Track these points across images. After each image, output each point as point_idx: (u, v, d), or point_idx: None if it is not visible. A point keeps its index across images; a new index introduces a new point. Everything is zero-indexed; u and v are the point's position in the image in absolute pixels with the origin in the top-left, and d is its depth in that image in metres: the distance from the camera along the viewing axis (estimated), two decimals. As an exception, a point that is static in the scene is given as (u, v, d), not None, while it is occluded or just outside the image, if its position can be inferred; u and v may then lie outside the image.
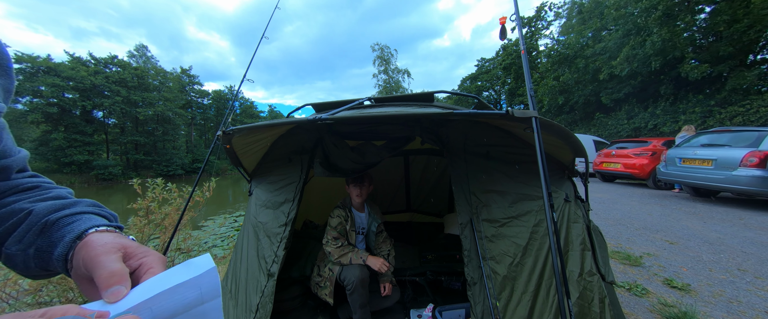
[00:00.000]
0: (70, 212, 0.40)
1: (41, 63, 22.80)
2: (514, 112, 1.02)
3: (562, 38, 20.13)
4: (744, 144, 4.69)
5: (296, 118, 1.49)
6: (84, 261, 0.33)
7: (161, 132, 30.46)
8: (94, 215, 0.42)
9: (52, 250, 0.36)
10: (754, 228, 3.78)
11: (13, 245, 0.37)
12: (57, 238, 0.37)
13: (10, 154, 0.42)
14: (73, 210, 0.40)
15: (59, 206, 0.40)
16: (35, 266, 0.37)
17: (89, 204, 0.44)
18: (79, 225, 0.38)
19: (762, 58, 11.46)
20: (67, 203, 0.42)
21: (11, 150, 0.42)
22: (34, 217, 0.38)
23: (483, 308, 1.22)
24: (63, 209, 0.40)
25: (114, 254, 0.33)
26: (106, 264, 0.31)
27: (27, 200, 0.41)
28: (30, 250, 0.37)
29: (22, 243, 0.37)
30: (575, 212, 1.44)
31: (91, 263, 0.32)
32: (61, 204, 0.41)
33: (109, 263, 0.32)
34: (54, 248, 0.36)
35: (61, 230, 0.37)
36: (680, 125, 11.47)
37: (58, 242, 0.36)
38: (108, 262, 0.32)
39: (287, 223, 1.60)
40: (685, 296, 2.23)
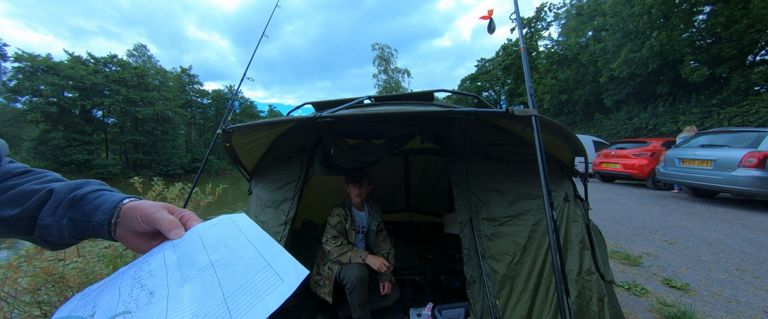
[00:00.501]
0: (92, 189, 0.48)
1: (41, 62, 22.75)
2: (514, 111, 1.02)
3: (562, 39, 20.16)
4: (743, 145, 4.70)
5: (296, 116, 1.49)
6: (142, 219, 0.43)
7: (161, 131, 30.40)
8: (109, 192, 0.50)
9: (90, 218, 0.44)
10: (752, 228, 3.79)
11: (47, 217, 0.44)
12: (91, 208, 0.45)
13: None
14: (92, 188, 0.48)
15: (75, 185, 0.48)
16: (69, 233, 0.45)
17: (99, 183, 0.52)
18: (110, 197, 0.46)
19: (761, 59, 11.49)
20: (81, 183, 0.49)
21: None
22: (58, 194, 0.45)
23: (482, 306, 1.22)
24: (81, 187, 0.48)
25: (164, 210, 0.44)
26: (164, 216, 0.43)
27: (32, 183, 0.47)
28: (63, 220, 0.44)
29: (55, 215, 0.44)
30: (575, 211, 1.44)
31: (151, 218, 0.43)
32: (76, 184, 0.48)
33: (165, 216, 0.43)
34: (91, 216, 0.44)
35: (92, 203, 0.45)
36: (680, 126, 11.50)
37: (93, 211, 0.45)
38: (164, 215, 0.43)
39: (287, 222, 1.60)
40: (684, 295, 2.23)
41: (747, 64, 11.31)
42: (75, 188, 0.47)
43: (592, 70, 15.88)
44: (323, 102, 1.65)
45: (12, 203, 0.44)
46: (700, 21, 12.25)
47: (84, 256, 2.96)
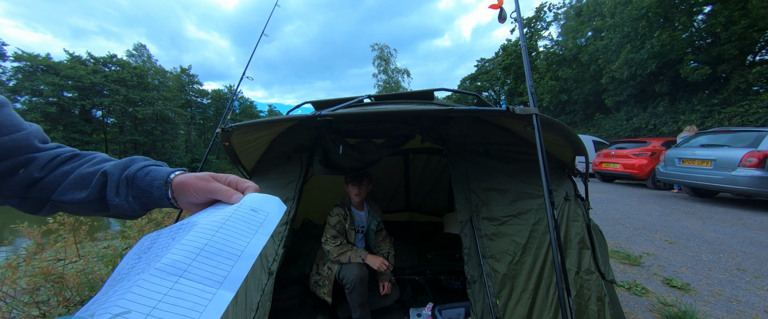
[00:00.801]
0: (139, 166, 0.50)
1: (40, 62, 22.73)
2: (515, 109, 1.02)
3: (561, 39, 20.17)
4: (743, 144, 4.70)
5: (295, 115, 1.48)
6: (196, 192, 0.46)
7: (160, 131, 30.40)
8: (155, 166, 0.52)
9: (149, 195, 0.48)
10: (753, 228, 3.78)
11: (113, 197, 0.48)
12: (146, 186, 0.48)
13: (21, 129, 0.48)
14: (139, 165, 0.51)
15: (123, 165, 0.51)
16: (139, 207, 0.49)
17: (143, 159, 0.54)
18: (158, 173, 0.49)
19: (761, 60, 11.50)
20: (128, 162, 0.52)
21: (20, 125, 0.49)
22: (112, 176, 0.49)
23: (483, 306, 1.22)
24: (129, 166, 0.50)
25: (215, 181, 0.47)
26: (219, 187, 0.45)
27: (86, 165, 0.51)
28: (129, 198, 0.48)
29: (120, 195, 0.48)
30: (575, 211, 1.44)
31: (206, 190, 0.45)
32: (124, 163, 0.51)
33: (219, 186, 0.45)
34: (149, 193, 0.48)
35: (145, 180, 0.48)
36: (680, 125, 11.51)
37: (149, 188, 0.48)
38: (218, 186, 0.45)
39: (287, 221, 1.59)
40: (685, 295, 2.23)
41: (746, 64, 11.31)
42: (124, 167, 0.50)
43: (594, 67, 15.87)
44: (323, 101, 1.65)
45: (78, 186, 0.48)
46: (699, 21, 12.26)
47: (84, 256, 2.96)
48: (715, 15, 11.22)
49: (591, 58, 16.00)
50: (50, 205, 0.49)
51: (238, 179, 0.48)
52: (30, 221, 2.56)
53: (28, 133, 0.49)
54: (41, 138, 0.52)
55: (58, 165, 0.50)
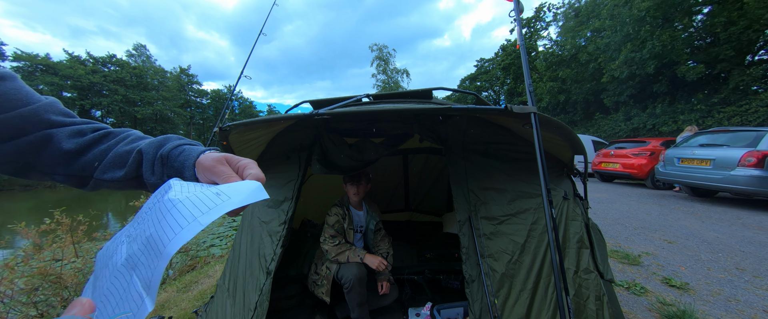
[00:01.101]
0: (173, 145, 0.51)
1: (40, 62, 22.70)
2: (513, 108, 1.02)
3: (560, 39, 20.19)
4: (742, 144, 4.70)
5: (293, 113, 1.48)
6: (205, 174, 0.46)
7: (160, 131, 30.36)
8: (188, 145, 0.53)
9: (182, 174, 0.49)
10: (752, 227, 3.79)
11: (150, 177, 0.49)
12: (179, 165, 0.49)
13: (29, 103, 0.47)
14: (173, 144, 0.51)
15: (158, 143, 0.51)
16: None
17: (176, 138, 0.54)
18: (189, 153, 0.49)
19: (759, 59, 11.51)
20: (163, 140, 0.52)
21: (29, 98, 0.47)
22: (147, 155, 0.50)
23: (481, 305, 1.21)
24: (163, 145, 0.51)
25: (222, 164, 0.46)
26: (221, 170, 0.45)
27: (121, 144, 0.52)
28: (164, 177, 0.49)
29: (155, 174, 0.49)
30: (574, 210, 1.43)
31: (211, 172, 0.45)
32: (159, 142, 0.51)
33: (222, 169, 0.45)
34: (182, 174, 0.49)
35: (178, 159, 0.49)
36: (679, 125, 11.52)
37: (182, 168, 0.48)
38: (221, 169, 0.45)
39: (285, 221, 1.59)
40: (684, 294, 2.23)
41: (745, 64, 11.33)
42: (159, 146, 0.51)
43: (593, 66, 15.86)
44: (321, 100, 1.64)
45: (116, 165, 0.50)
46: (699, 21, 12.28)
47: (82, 256, 2.95)
48: (714, 15, 11.24)
49: (590, 58, 16.01)
50: (93, 182, 0.50)
51: (249, 164, 0.47)
52: (27, 221, 2.55)
53: (37, 108, 0.47)
54: (60, 111, 0.51)
55: (92, 143, 0.51)
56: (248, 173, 0.45)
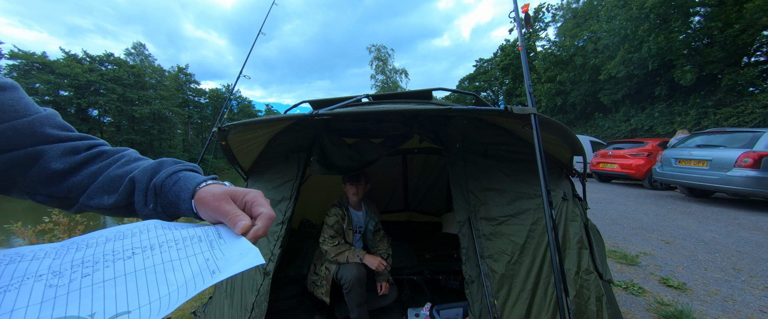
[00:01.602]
0: (168, 172, 0.46)
1: (36, 60, 22.52)
2: (513, 109, 1.02)
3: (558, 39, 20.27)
4: (739, 145, 4.73)
5: (293, 113, 1.47)
6: (207, 212, 0.41)
7: (158, 131, 30.22)
8: (189, 172, 0.48)
9: (177, 208, 0.44)
10: (748, 228, 3.81)
11: (142, 209, 0.45)
12: (173, 197, 0.44)
13: (27, 114, 0.43)
14: (169, 171, 0.47)
15: (153, 171, 0.47)
16: (168, 217, 0.45)
17: (172, 162, 0.49)
18: (186, 184, 0.45)
19: (755, 61, 11.60)
20: (157, 165, 0.48)
21: (27, 110, 0.43)
22: (139, 184, 0.45)
23: (481, 306, 1.21)
24: (158, 172, 0.46)
25: (226, 202, 0.41)
26: (227, 209, 0.40)
27: (114, 167, 0.47)
28: (157, 208, 0.45)
29: (147, 208, 0.45)
30: (573, 211, 1.44)
31: (216, 211, 0.41)
32: (153, 169, 0.47)
33: (228, 209, 0.40)
34: (177, 207, 0.44)
35: (172, 190, 0.45)
36: (676, 126, 11.59)
37: (176, 201, 0.44)
38: (226, 208, 0.40)
39: (284, 221, 1.58)
40: (681, 294, 2.24)
41: (742, 66, 11.41)
42: (153, 173, 0.46)
43: (591, 65, 15.93)
44: (321, 100, 1.64)
45: (106, 190, 0.45)
46: (696, 22, 12.35)
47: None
48: (711, 17, 11.32)
49: (588, 58, 16.08)
50: (79, 206, 0.46)
51: (257, 198, 0.42)
52: (24, 221, 2.53)
53: (32, 120, 0.43)
54: (57, 124, 0.47)
55: (83, 163, 0.46)
56: (259, 212, 0.40)
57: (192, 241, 0.34)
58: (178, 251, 0.32)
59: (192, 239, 0.34)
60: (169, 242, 0.33)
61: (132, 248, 0.32)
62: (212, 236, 0.36)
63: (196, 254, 0.31)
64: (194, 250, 0.32)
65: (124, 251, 0.31)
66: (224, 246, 0.33)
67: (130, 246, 0.32)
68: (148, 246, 0.32)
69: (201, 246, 0.33)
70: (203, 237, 0.35)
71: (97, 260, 0.29)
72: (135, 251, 0.31)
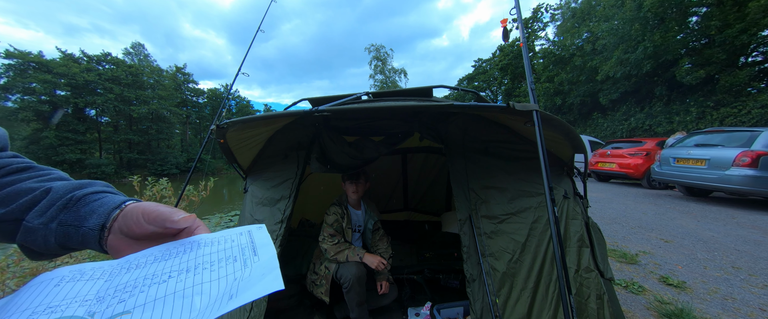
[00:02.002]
0: (94, 190, 0.43)
1: (32, 59, 22.38)
2: (515, 106, 1.01)
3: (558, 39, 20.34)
4: (736, 144, 4.75)
5: (292, 110, 1.46)
6: (144, 217, 0.38)
7: (156, 130, 30.11)
8: (114, 195, 0.44)
9: (82, 223, 0.39)
10: (746, 227, 3.83)
11: (35, 218, 0.39)
12: (87, 212, 0.40)
13: None
14: (96, 189, 0.43)
15: (78, 185, 0.43)
16: (55, 241, 0.39)
17: (104, 185, 0.46)
18: (111, 200, 0.41)
19: (753, 61, 11.67)
20: (85, 183, 0.44)
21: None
22: (55, 193, 0.40)
23: (482, 304, 1.20)
24: (84, 187, 0.43)
25: (174, 209, 0.39)
26: (172, 210, 0.38)
27: (32, 180, 0.42)
28: (52, 224, 0.39)
29: (44, 217, 0.39)
30: (574, 209, 1.43)
31: (154, 214, 0.37)
32: (80, 183, 0.43)
33: (176, 212, 0.38)
34: (84, 220, 0.39)
35: (91, 205, 0.40)
36: (675, 126, 11.64)
37: (89, 215, 0.39)
38: (174, 211, 0.38)
39: (283, 220, 1.57)
40: (681, 293, 2.24)
41: (739, 66, 11.48)
42: (76, 187, 0.42)
43: (590, 65, 15.99)
44: (320, 98, 1.62)
45: (2, 203, 0.40)
46: (694, 23, 12.42)
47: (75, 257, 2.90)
48: (710, 17, 11.37)
49: (587, 59, 16.14)
50: None
51: (199, 222, 0.40)
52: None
53: None
54: (1, 145, 0.44)
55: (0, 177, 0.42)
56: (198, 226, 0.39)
57: (227, 262, 0.33)
58: (211, 272, 0.31)
59: (228, 260, 0.34)
60: (204, 263, 0.33)
61: (170, 270, 0.32)
62: (248, 253, 0.35)
63: (227, 276, 0.31)
64: (226, 270, 0.32)
65: (163, 273, 0.31)
66: (255, 264, 0.33)
67: (170, 269, 0.32)
68: (185, 269, 0.32)
69: (234, 266, 0.33)
70: (238, 256, 0.34)
71: (136, 284, 0.29)
72: (171, 275, 0.31)
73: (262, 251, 0.35)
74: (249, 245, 0.36)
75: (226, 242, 0.37)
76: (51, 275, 0.31)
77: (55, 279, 0.30)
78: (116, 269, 0.32)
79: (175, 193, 3.02)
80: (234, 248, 0.35)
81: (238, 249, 0.35)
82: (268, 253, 0.34)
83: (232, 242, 0.37)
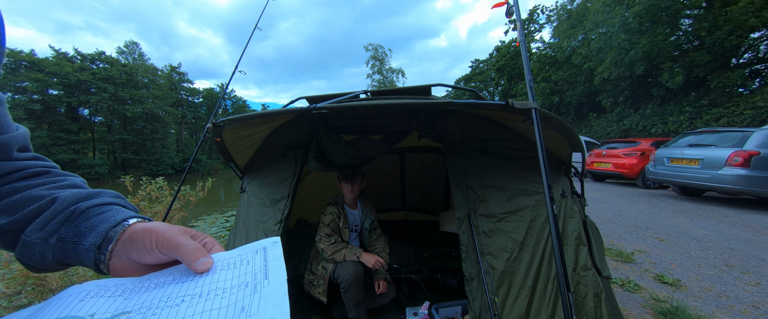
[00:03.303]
0: (100, 202, 0.39)
1: (24, 58, 22.02)
2: (514, 104, 1.01)
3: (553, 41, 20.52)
4: (729, 144, 4.82)
5: (289, 108, 1.45)
6: (159, 244, 0.35)
7: (150, 130, 29.77)
8: (122, 207, 0.41)
9: (80, 239, 0.36)
10: (739, 225, 3.88)
11: (34, 232, 0.36)
12: (87, 227, 0.36)
13: (7, 131, 0.40)
14: (102, 200, 0.40)
15: (86, 195, 0.40)
16: (53, 257, 0.36)
17: (113, 195, 0.43)
18: (113, 215, 0.38)
19: (744, 62, 11.88)
20: (93, 193, 0.41)
21: (8, 126, 0.40)
22: (59, 204, 0.37)
23: (481, 303, 1.20)
24: (90, 198, 0.39)
25: (186, 235, 0.36)
26: (186, 241, 0.35)
27: (44, 187, 0.40)
28: (51, 239, 0.36)
29: (44, 231, 0.36)
30: (571, 208, 1.44)
31: (169, 243, 0.34)
32: (87, 193, 0.40)
33: (188, 241, 0.35)
34: (83, 237, 0.36)
35: (92, 220, 0.37)
36: (668, 127, 11.79)
37: (88, 231, 0.36)
38: (186, 239, 0.35)
39: (281, 220, 1.55)
40: (676, 291, 2.26)
41: (731, 67, 11.67)
42: (82, 198, 0.39)
43: (586, 68, 16.17)
44: (318, 96, 1.61)
45: (8, 211, 0.37)
46: (686, 25, 12.61)
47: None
48: (700, 19, 11.55)
49: (582, 60, 16.31)
50: None
51: (215, 244, 0.38)
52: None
53: (8, 138, 0.39)
54: (20, 145, 0.42)
55: (14, 181, 0.40)
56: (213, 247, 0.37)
57: (239, 288, 0.33)
58: (222, 299, 0.31)
59: (240, 286, 0.33)
60: (218, 289, 0.32)
61: (185, 294, 0.32)
62: (260, 277, 0.34)
63: (236, 303, 0.31)
64: (237, 297, 0.31)
65: (177, 297, 0.31)
66: (265, 290, 0.32)
67: (185, 292, 0.32)
68: (198, 294, 0.32)
69: (244, 292, 0.32)
70: (251, 281, 0.34)
71: (151, 306, 0.30)
72: (184, 299, 0.31)
73: (273, 273, 0.35)
74: (262, 269, 0.36)
75: (242, 266, 0.36)
76: (79, 288, 0.31)
77: (82, 294, 0.31)
78: (137, 286, 0.33)
79: (170, 193, 2.98)
80: (247, 274, 0.35)
81: (251, 274, 0.35)
82: (279, 277, 0.34)
83: (248, 264, 0.36)
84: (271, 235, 1.51)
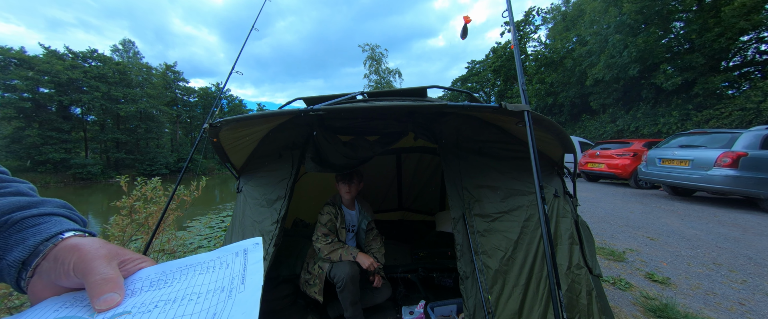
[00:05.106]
0: (38, 212, 0.35)
1: (13, 55, 21.58)
2: (507, 106, 1.03)
3: (549, 42, 20.74)
4: (718, 145, 4.93)
5: (286, 109, 1.45)
6: (75, 266, 0.30)
7: (144, 130, 29.37)
8: (65, 218, 0.37)
9: (5, 254, 0.31)
10: (727, 225, 3.98)
11: None
12: (16, 240, 0.32)
13: None
14: (42, 210, 0.36)
15: (25, 203, 0.36)
16: None
17: (58, 205, 0.39)
18: (48, 228, 0.34)
19: (734, 65, 12.14)
20: (34, 202, 0.37)
21: None
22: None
23: (475, 301, 1.22)
24: (29, 207, 0.35)
25: (109, 260, 0.31)
26: (101, 269, 0.30)
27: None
28: None
29: None
30: (564, 207, 1.47)
31: (84, 266, 0.29)
32: (27, 202, 0.36)
33: (103, 268, 0.30)
34: (8, 251, 0.32)
35: (24, 232, 0.33)
36: (659, 128, 11.99)
37: (16, 244, 0.32)
38: (102, 267, 0.30)
39: (278, 220, 1.56)
40: (666, 289, 2.32)
41: (721, 70, 11.91)
42: (21, 207, 0.35)
43: (579, 70, 16.38)
44: (315, 97, 1.62)
45: None
46: (678, 28, 12.84)
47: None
48: (690, 22, 11.78)
49: (576, 62, 16.52)
50: None
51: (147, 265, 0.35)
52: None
53: None
54: None
55: None
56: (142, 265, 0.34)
57: (215, 293, 0.32)
58: (195, 304, 0.31)
59: (216, 291, 0.32)
60: (192, 294, 0.32)
61: (157, 300, 0.31)
62: (236, 282, 0.34)
63: (208, 309, 0.30)
64: (210, 302, 0.31)
65: (150, 303, 0.30)
66: (239, 297, 0.32)
67: (158, 298, 0.31)
68: (173, 299, 0.31)
69: (219, 297, 0.32)
70: (227, 286, 0.33)
71: (127, 312, 0.29)
72: (157, 304, 0.30)
73: (250, 279, 0.34)
74: (240, 273, 0.35)
75: (221, 269, 0.36)
76: (56, 301, 0.30)
77: (59, 303, 0.29)
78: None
79: (165, 193, 2.96)
80: (225, 278, 0.34)
81: (228, 279, 0.34)
82: (255, 283, 0.33)
83: (226, 267, 0.36)
84: (267, 235, 1.52)
